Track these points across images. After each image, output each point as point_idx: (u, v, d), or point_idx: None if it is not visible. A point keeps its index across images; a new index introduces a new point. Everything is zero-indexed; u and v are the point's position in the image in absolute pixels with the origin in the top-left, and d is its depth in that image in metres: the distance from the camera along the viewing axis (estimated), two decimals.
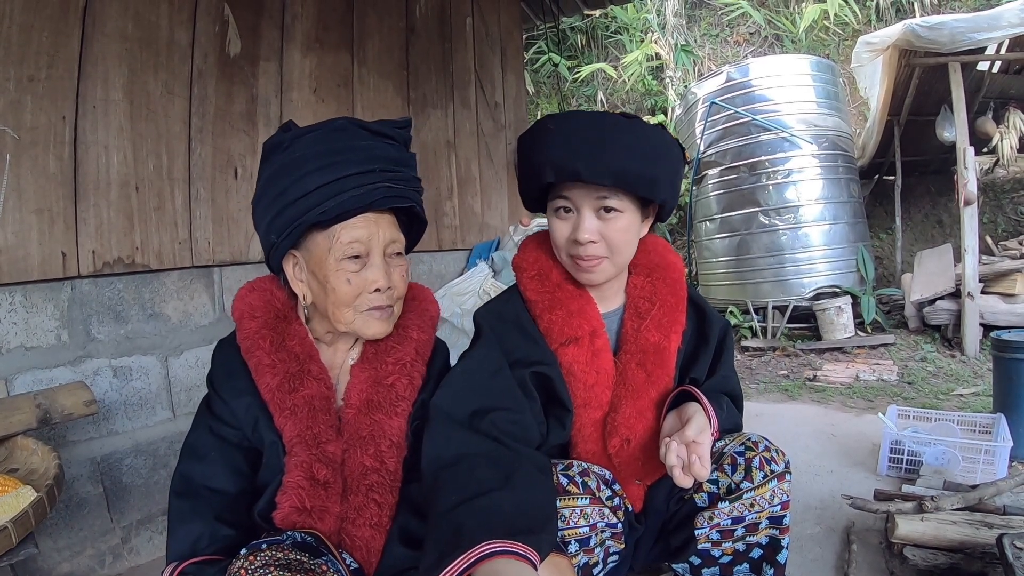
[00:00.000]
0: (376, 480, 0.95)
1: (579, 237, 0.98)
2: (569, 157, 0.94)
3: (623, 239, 1.00)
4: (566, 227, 1.01)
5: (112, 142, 1.83)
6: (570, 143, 0.95)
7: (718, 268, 4.75)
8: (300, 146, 0.93)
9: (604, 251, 1.00)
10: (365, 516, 0.94)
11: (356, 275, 0.93)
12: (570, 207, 1.00)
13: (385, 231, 0.96)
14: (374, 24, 2.80)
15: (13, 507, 1.06)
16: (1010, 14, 3.35)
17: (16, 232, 1.62)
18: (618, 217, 0.99)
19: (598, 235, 0.98)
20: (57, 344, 1.72)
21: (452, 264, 3.26)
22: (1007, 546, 1.27)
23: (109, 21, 1.81)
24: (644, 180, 0.96)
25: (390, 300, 0.97)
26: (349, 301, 0.94)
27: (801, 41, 6.77)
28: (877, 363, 3.62)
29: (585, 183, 0.96)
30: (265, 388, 0.95)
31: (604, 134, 0.95)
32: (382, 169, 0.94)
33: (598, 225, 0.98)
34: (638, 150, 0.96)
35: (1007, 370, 2.26)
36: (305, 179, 0.91)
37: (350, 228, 0.92)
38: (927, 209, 5.54)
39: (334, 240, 0.92)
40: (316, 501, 0.92)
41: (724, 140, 4.55)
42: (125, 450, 1.84)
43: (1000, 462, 1.97)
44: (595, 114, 1.00)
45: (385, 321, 0.98)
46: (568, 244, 1.01)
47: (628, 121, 0.99)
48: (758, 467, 1.02)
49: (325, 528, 0.92)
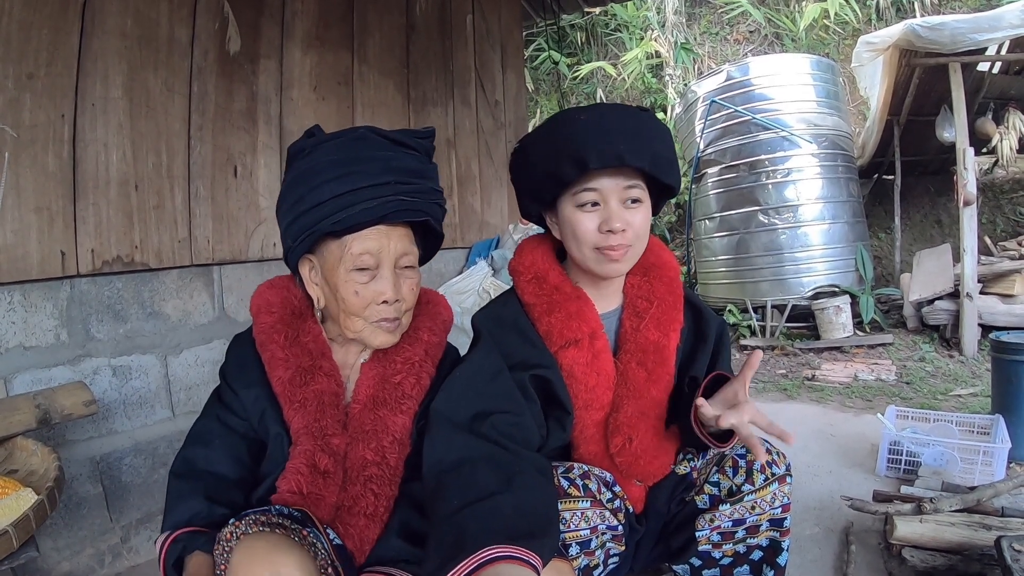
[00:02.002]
0: (375, 472, 0.97)
1: (614, 226, 0.98)
2: (611, 143, 0.96)
3: (645, 228, 1.03)
4: (593, 220, 1.00)
5: (111, 140, 1.82)
6: (610, 130, 0.97)
7: (717, 267, 4.75)
8: (320, 153, 0.95)
9: (631, 239, 1.01)
10: (361, 505, 0.95)
11: (365, 286, 0.94)
12: (598, 200, 1.00)
13: (397, 244, 0.96)
14: (374, 22, 2.79)
15: (14, 510, 1.06)
16: (1011, 15, 3.35)
17: (15, 231, 1.61)
18: (640, 207, 1.01)
19: (627, 224, 1.00)
20: (56, 343, 1.72)
21: (452, 262, 3.26)
22: (1005, 548, 1.28)
23: (109, 18, 1.80)
24: (669, 165, 1.01)
25: (398, 313, 0.98)
26: (358, 311, 0.95)
27: (801, 40, 6.76)
28: (875, 363, 3.63)
29: (614, 174, 0.98)
30: (277, 381, 0.97)
31: (637, 122, 0.99)
32: (397, 181, 0.94)
33: (626, 214, 1.00)
34: (662, 137, 1.01)
35: (1006, 372, 2.27)
36: (321, 188, 0.92)
37: (361, 239, 0.93)
38: (926, 209, 5.54)
39: (345, 250, 0.93)
40: (314, 488, 0.93)
41: (724, 139, 4.54)
42: (124, 449, 1.84)
43: (998, 464, 1.97)
44: (620, 105, 1.05)
45: (392, 333, 0.99)
46: (596, 237, 1.00)
47: (647, 112, 1.04)
48: (759, 470, 1.03)
49: (319, 515, 0.93)
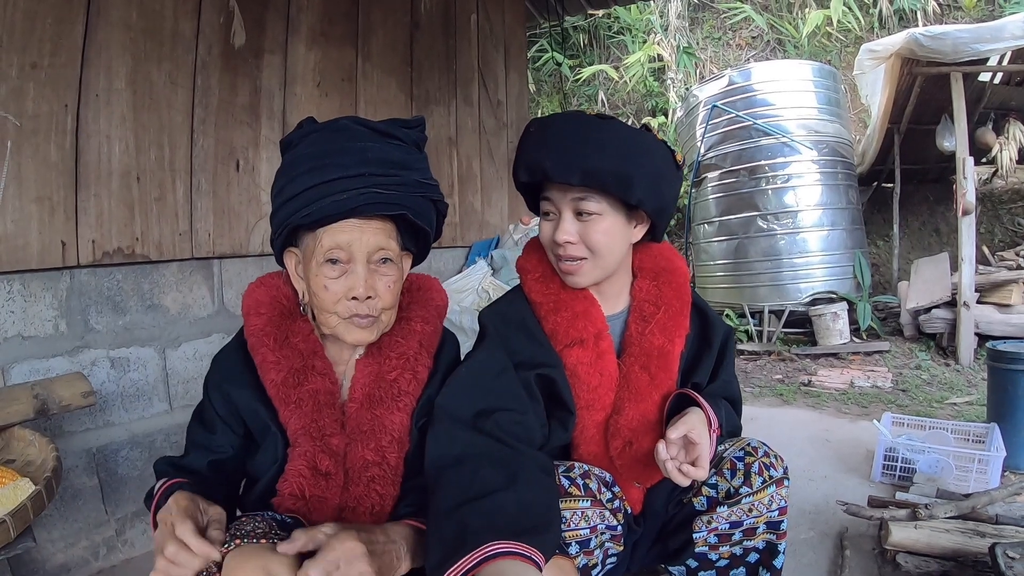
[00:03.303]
0: (377, 473, 0.96)
1: (556, 238, 0.99)
2: (539, 157, 0.96)
3: (604, 242, 0.99)
4: (550, 229, 1.02)
5: (114, 132, 1.82)
6: (544, 144, 0.97)
7: (716, 271, 4.76)
8: (303, 145, 0.93)
9: (584, 253, 1.00)
10: (366, 504, 0.95)
11: (334, 281, 0.91)
12: (552, 210, 1.01)
13: (371, 238, 0.92)
14: (379, 19, 2.79)
15: (11, 500, 1.05)
16: (1013, 26, 3.37)
17: (16, 220, 1.61)
18: (597, 220, 0.98)
19: (576, 237, 0.99)
20: (55, 334, 1.71)
21: (451, 261, 3.26)
22: (999, 555, 1.28)
23: (113, 10, 1.80)
24: (615, 178, 0.94)
25: (371, 310, 0.93)
26: (329, 307, 0.92)
27: (803, 47, 6.78)
28: (872, 370, 3.64)
29: (559, 184, 0.97)
30: (270, 384, 0.95)
31: (574, 134, 0.96)
32: (373, 173, 0.90)
33: (578, 227, 0.99)
34: (609, 148, 0.94)
35: (1002, 381, 2.28)
36: (296, 180, 0.90)
37: (332, 233, 0.90)
38: (925, 217, 5.56)
39: (317, 243, 0.91)
40: (316, 491, 0.92)
41: (724, 143, 4.55)
42: (121, 441, 1.84)
43: (993, 472, 1.98)
44: (569, 114, 0.99)
45: (368, 330, 0.94)
46: (551, 245, 1.02)
47: (601, 120, 0.97)
48: (757, 472, 1.03)
49: (322, 517, 0.92)
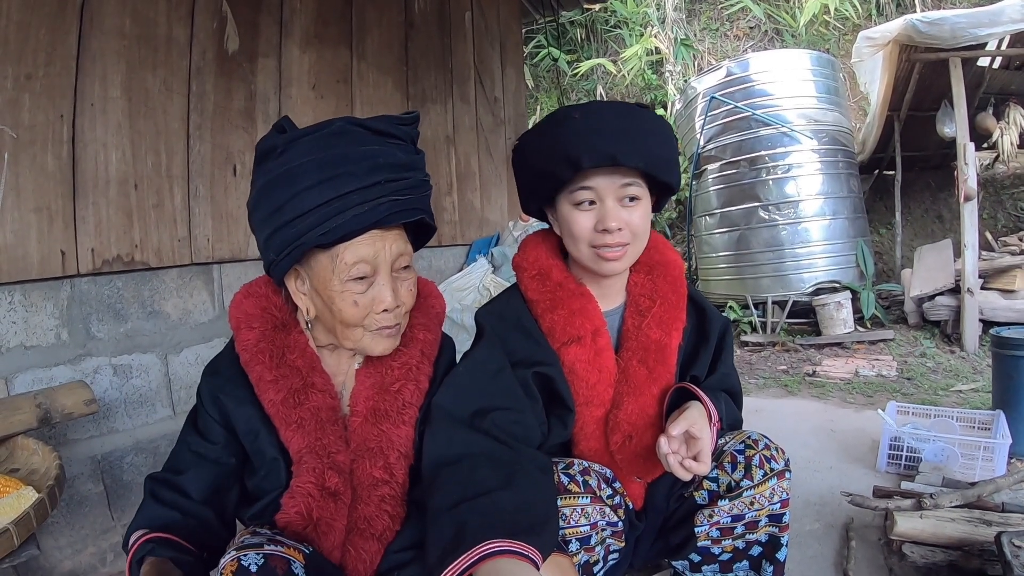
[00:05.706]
0: (388, 492, 0.93)
1: (609, 225, 0.97)
2: (604, 142, 0.95)
3: (644, 226, 1.02)
4: (589, 219, 1.00)
5: (111, 140, 1.82)
6: (602, 129, 0.96)
7: (718, 263, 4.75)
8: (296, 153, 0.84)
9: (628, 238, 1.00)
10: (376, 527, 0.91)
11: (363, 296, 0.87)
12: (594, 199, 0.99)
13: (392, 246, 0.88)
14: (373, 19, 2.78)
15: (15, 508, 1.06)
16: (1011, 10, 3.33)
17: (15, 231, 1.62)
18: (638, 204, 1.00)
19: (624, 223, 0.99)
20: (57, 343, 1.72)
21: (451, 260, 3.26)
22: (1005, 544, 1.28)
23: (107, 18, 1.80)
24: (666, 163, 1.00)
25: (398, 318, 0.92)
26: (357, 322, 0.88)
27: (801, 36, 6.74)
28: (876, 358, 3.62)
29: (610, 173, 0.97)
30: (269, 403, 0.91)
31: (633, 121, 0.98)
32: (387, 180, 0.85)
33: (623, 213, 0.99)
34: (660, 135, 1.00)
35: (1007, 367, 2.26)
36: (303, 196, 0.82)
37: (355, 248, 0.85)
38: (927, 204, 5.53)
39: (338, 261, 0.85)
40: (324, 512, 0.89)
41: (724, 135, 4.54)
42: (125, 448, 1.85)
43: (999, 459, 1.97)
44: (618, 103, 1.04)
45: (394, 338, 0.93)
46: (592, 236, 1.00)
47: (645, 109, 1.02)
48: (758, 465, 1.03)
49: (327, 544, 0.89)
